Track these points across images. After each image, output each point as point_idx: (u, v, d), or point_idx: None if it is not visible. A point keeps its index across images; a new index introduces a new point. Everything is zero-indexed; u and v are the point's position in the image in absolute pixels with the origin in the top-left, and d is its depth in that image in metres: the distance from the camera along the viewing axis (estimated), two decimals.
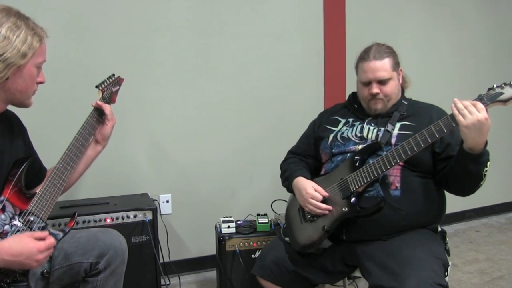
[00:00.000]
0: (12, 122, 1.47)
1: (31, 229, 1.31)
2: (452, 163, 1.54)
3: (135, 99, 2.53)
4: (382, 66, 1.70)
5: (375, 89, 1.69)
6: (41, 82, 1.38)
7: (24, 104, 1.37)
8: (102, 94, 1.61)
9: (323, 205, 1.63)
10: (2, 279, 1.23)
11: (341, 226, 1.62)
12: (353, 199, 1.59)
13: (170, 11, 2.57)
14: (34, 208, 1.33)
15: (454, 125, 1.43)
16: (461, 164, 1.49)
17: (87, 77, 1.85)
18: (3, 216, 1.28)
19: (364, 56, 1.73)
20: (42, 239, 1.25)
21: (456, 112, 1.40)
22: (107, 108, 1.58)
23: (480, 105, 1.39)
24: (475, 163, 1.46)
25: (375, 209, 1.54)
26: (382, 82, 1.70)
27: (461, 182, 1.56)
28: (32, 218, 1.33)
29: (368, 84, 1.71)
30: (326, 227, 1.62)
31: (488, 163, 1.48)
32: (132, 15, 2.49)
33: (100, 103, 1.57)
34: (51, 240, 1.27)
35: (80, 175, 1.63)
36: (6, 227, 1.27)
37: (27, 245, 1.20)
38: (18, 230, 1.28)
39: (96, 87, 1.62)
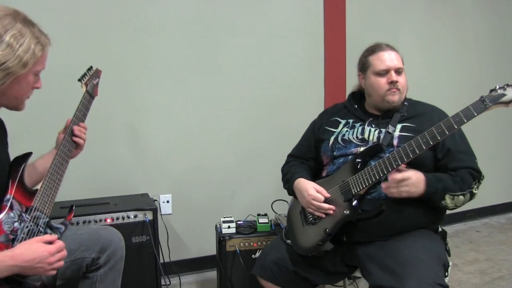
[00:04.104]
0: (1, 125, 1.48)
1: (37, 225, 1.33)
2: None
3: (136, 99, 2.54)
4: (397, 56, 1.71)
5: (395, 77, 1.68)
6: (37, 88, 1.37)
7: (17, 108, 1.37)
8: (86, 88, 1.60)
9: (326, 205, 1.62)
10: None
11: (342, 228, 1.61)
12: (354, 202, 1.58)
13: (170, 10, 2.57)
14: (38, 204, 1.35)
15: (456, 127, 1.43)
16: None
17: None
18: (12, 214, 1.29)
19: (376, 49, 1.73)
20: (50, 242, 1.27)
21: (397, 195, 1.49)
22: (82, 138, 1.54)
23: (404, 174, 1.47)
24: (431, 202, 1.55)
25: (376, 212, 1.53)
26: (398, 72, 1.69)
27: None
28: (37, 214, 1.34)
29: (385, 73, 1.68)
30: (328, 230, 1.61)
31: (447, 196, 1.53)
32: (132, 15, 2.49)
33: (77, 132, 1.52)
34: (60, 243, 1.29)
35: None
36: (16, 224, 1.29)
37: (37, 249, 1.22)
38: (27, 227, 1.30)
39: (79, 80, 1.59)
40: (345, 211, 1.59)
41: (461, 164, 1.59)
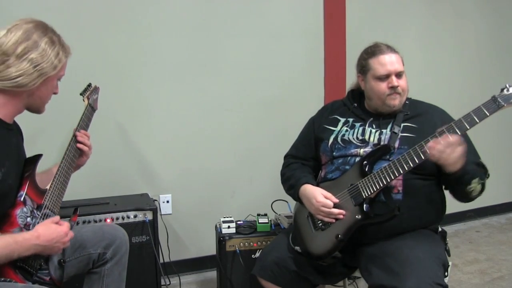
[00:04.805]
0: (19, 129, 1.56)
1: None
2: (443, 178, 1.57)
3: (135, 99, 2.54)
4: (398, 59, 1.68)
5: (396, 81, 1.64)
6: (55, 93, 1.49)
7: (39, 110, 1.47)
8: (88, 101, 1.72)
9: (336, 210, 1.59)
10: (34, 265, 1.36)
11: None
12: (366, 206, 1.55)
13: (170, 11, 2.57)
14: (48, 203, 1.44)
15: (468, 127, 1.42)
16: (447, 182, 1.58)
17: (89, 77, 1.86)
18: (25, 209, 1.37)
19: (376, 51, 1.69)
20: (57, 223, 1.40)
21: (436, 159, 1.44)
22: (86, 144, 1.63)
23: (454, 137, 1.41)
24: (457, 183, 1.52)
25: (389, 217, 1.52)
26: (398, 75, 1.66)
27: (454, 196, 1.62)
28: (47, 212, 1.43)
29: (386, 78, 1.65)
30: (340, 236, 1.57)
31: (474, 180, 1.50)
32: (131, 14, 2.49)
33: (80, 139, 1.60)
34: (67, 223, 1.42)
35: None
36: (28, 219, 1.37)
37: (55, 230, 1.35)
38: (38, 223, 1.38)
39: (81, 94, 1.72)
40: (356, 216, 1.56)
41: (467, 160, 1.54)
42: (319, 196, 1.63)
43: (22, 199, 1.37)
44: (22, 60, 1.31)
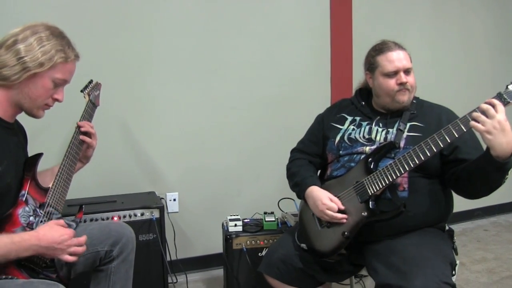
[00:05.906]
0: (22, 130, 1.58)
1: (50, 220, 1.41)
2: (471, 167, 1.49)
3: (141, 98, 2.55)
4: (405, 56, 1.68)
5: (404, 78, 1.64)
6: (57, 100, 1.44)
7: (32, 112, 1.43)
8: (89, 97, 1.71)
9: (339, 215, 1.58)
10: (38, 263, 1.36)
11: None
12: (371, 203, 1.55)
13: (176, 10, 2.58)
14: (51, 201, 1.43)
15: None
16: (483, 170, 1.44)
17: (94, 76, 1.87)
18: (27, 208, 1.37)
19: (383, 48, 1.68)
20: (61, 225, 1.37)
21: (473, 123, 1.36)
22: (90, 133, 1.63)
23: (500, 107, 1.35)
24: (499, 171, 1.41)
25: (395, 214, 1.51)
26: (407, 71, 1.66)
27: (478, 187, 1.53)
28: (50, 210, 1.43)
29: (395, 74, 1.65)
30: (346, 233, 1.57)
31: (510, 171, 1.42)
32: (138, 14, 2.50)
33: (83, 129, 1.60)
34: (71, 230, 1.38)
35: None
36: (31, 218, 1.37)
37: (58, 231, 1.32)
38: (41, 221, 1.39)
39: (81, 91, 1.71)
40: (363, 213, 1.56)
41: (471, 157, 1.54)
42: (325, 198, 1.63)
43: (24, 198, 1.37)
44: (9, 51, 1.31)
